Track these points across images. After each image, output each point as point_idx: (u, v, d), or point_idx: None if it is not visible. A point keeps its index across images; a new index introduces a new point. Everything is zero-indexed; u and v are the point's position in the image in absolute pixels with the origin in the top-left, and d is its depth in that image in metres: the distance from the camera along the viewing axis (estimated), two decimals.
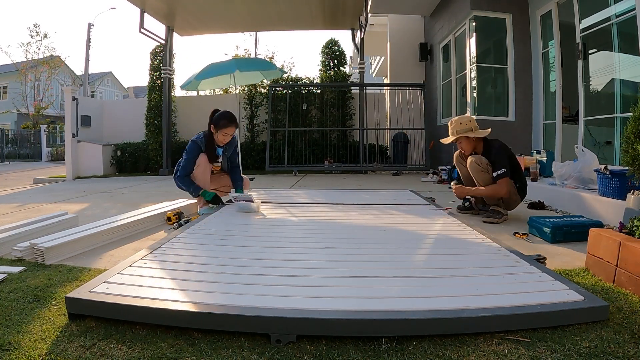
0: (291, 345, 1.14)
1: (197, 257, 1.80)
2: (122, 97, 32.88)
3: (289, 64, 20.97)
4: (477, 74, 6.19)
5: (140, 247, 2.25)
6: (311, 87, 8.61)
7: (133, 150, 8.55)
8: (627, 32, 3.92)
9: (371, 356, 1.09)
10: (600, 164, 3.11)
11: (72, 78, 26.16)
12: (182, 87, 6.24)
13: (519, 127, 5.80)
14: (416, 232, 2.30)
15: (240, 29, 9.56)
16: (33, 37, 28.28)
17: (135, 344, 1.15)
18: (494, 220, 2.86)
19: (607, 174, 2.74)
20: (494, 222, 2.84)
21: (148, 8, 7.35)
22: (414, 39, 8.88)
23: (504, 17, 5.92)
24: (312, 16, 7.94)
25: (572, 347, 1.11)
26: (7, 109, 24.45)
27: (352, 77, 10.51)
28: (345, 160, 7.95)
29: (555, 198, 3.39)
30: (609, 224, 2.56)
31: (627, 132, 1.89)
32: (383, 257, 1.80)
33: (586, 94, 4.70)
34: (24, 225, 2.49)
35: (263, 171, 7.62)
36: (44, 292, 1.56)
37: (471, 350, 1.10)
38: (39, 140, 19.29)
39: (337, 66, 8.71)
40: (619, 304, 1.39)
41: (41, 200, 4.40)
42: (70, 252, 2.10)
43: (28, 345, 1.15)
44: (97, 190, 5.28)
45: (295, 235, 2.25)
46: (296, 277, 1.53)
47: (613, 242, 1.62)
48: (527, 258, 1.70)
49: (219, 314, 1.20)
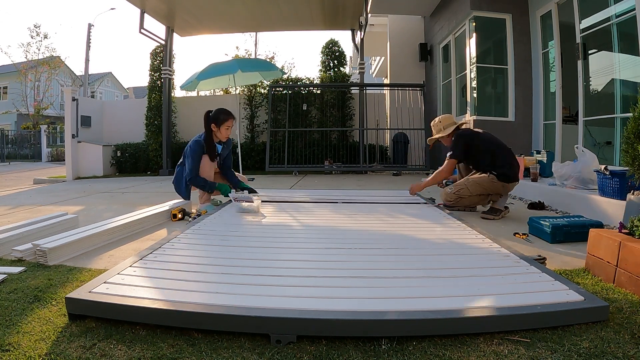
0: (291, 345, 1.14)
1: (197, 258, 1.80)
2: (122, 97, 32.89)
3: (289, 64, 20.93)
4: (477, 74, 6.18)
5: (140, 247, 2.24)
6: (311, 87, 8.61)
7: (133, 150, 8.55)
8: (627, 32, 3.93)
9: (371, 356, 1.09)
10: (600, 164, 3.11)
11: (72, 78, 26.17)
12: (182, 88, 6.24)
13: (519, 128, 5.79)
14: (416, 232, 2.30)
15: (240, 30, 9.57)
16: (33, 38, 28.43)
17: (136, 345, 1.15)
18: (491, 217, 3.00)
19: (607, 174, 2.74)
20: (491, 219, 2.97)
21: (148, 8, 7.35)
22: (414, 39, 8.89)
23: (504, 18, 5.92)
24: (312, 16, 7.95)
25: (572, 348, 1.11)
26: (7, 109, 24.44)
27: (352, 78, 10.51)
28: (345, 161, 7.95)
29: (555, 198, 3.39)
30: (609, 224, 2.56)
31: (627, 133, 1.88)
32: (383, 258, 1.80)
33: (586, 94, 4.70)
34: (24, 225, 2.49)
35: (263, 172, 7.62)
36: (44, 292, 1.56)
37: (471, 351, 1.10)
38: (39, 141, 19.27)
39: (337, 66, 8.71)
40: (619, 304, 1.39)
41: (41, 201, 4.40)
42: (72, 253, 2.10)
43: (28, 345, 1.15)
44: (97, 191, 5.28)
45: (295, 235, 2.25)
46: (296, 278, 1.53)
47: (613, 242, 1.62)
48: (527, 258, 1.70)
49: (219, 314, 1.20)
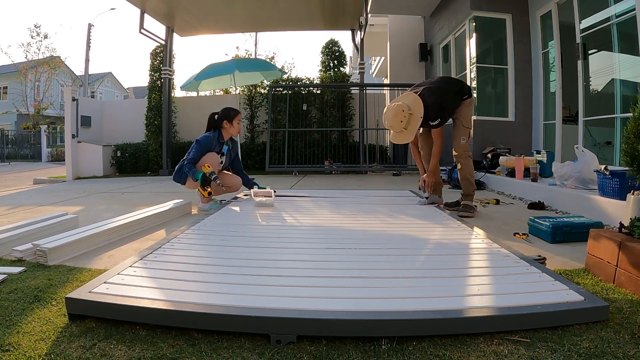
0: (291, 345, 1.14)
1: (197, 258, 1.80)
2: (122, 97, 32.90)
3: (289, 64, 20.95)
4: (477, 74, 6.19)
5: (140, 247, 2.24)
6: (311, 87, 8.60)
7: (133, 150, 8.55)
8: (627, 32, 3.93)
9: (371, 356, 1.09)
10: (600, 164, 3.11)
11: (72, 78, 26.16)
12: (182, 88, 6.25)
13: (519, 128, 5.79)
14: (416, 232, 2.30)
15: (240, 30, 9.57)
16: (33, 38, 28.48)
17: (136, 345, 1.15)
18: (468, 214, 3.01)
19: (607, 174, 2.74)
20: (469, 217, 2.98)
21: (148, 8, 7.35)
22: (414, 39, 8.88)
23: (504, 18, 5.93)
24: (312, 17, 7.95)
25: (572, 348, 1.11)
26: (7, 109, 24.43)
27: (352, 78, 10.52)
28: (345, 161, 7.95)
29: (555, 198, 3.39)
30: (609, 225, 2.56)
31: (627, 133, 1.88)
32: (383, 258, 1.80)
33: (586, 94, 4.70)
34: (24, 225, 2.49)
35: (263, 172, 7.61)
36: (44, 292, 1.56)
37: (471, 351, 1.10)
38: (39, 141, 19.27)
39: (337, 67, 8.71)
40: (619, 304, 1.39)
41: (41, 201, 4.40)
42: (72, 253, 2.10)
43: (28, 345, 1.15)
44: (97, 191, 5.28)
45: (295, 235, 2.25)
46: (296, 278, 1.53)
47: (613, 243, 1.62)
48: (527, 258, 1.70)
49: (219, 314, 1.20)
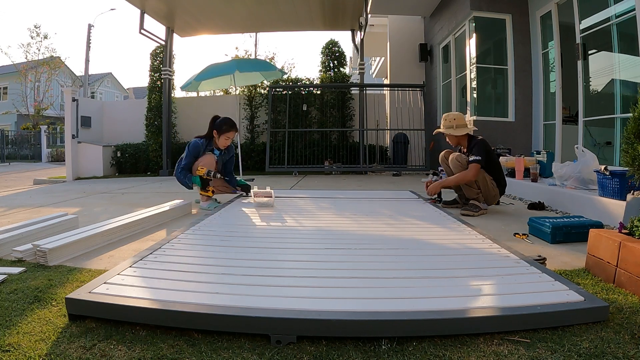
0: (291, 346, 1.14)
1: (197, 258, 1.80)
2: (122, 98, 32.91)
3: (289, 64, 20.95)
4: (477, 75, 6.19)
5: (140, 247, 2.24)
6: (311, 87, 8.61)
7: (133, 151, 8.54)
8: (627, 32, 3.93)
9: (371, 357, 1.09)
10: (600, 164, 3.11)
11: (72, 79, 26.18)
12: (182, 88, 6.24)
13: (519, 128, 5.79)
14: (417, 233, 2.30)
15: (240, 30, 9.57)
16: (33, 38, 28.38)
17: (136, 345, 1.15)
18: (471, 213, 3.00)
19: (607, 174, 2.74)
20: (471, 215, 2.97)
21: (148, 9, 7.36)
22: (413, 39, 8.89)
23: (504, 18, 5.93)
24: (312, 17, 7.95)
25: (572, 348, 1.11)
26: (7, 109, 24.44)
27: (352, 78, 10.50)
28: (345, 161, 7.95)
29: (555, 199, 3.39)
30: (609, 225, 2.56)
31: (627, 133, 1.88)
32: (383, 258, 1.80)
33: (586, 94, 4.70)
34: (24, 226, 2.48)
35: (263, 172, 7.62)
36: (44, 293, 1.55)
37: (471, 351, 1.10)
38: (39, 141, 19.26)
39: (337, 67, 8.71)
40: (619, 304, 1.39)
41: (41, 201, 4.40)
42: (72, 253, 2.10)
43: (28, 346, 1.15)
44: (97, 191, 5.28)
45: (295, 235, 2.25)
46: (296, 278, 1.53)
47: (613, 243, 1.62)
48: (527, 259, 1.70)
49: (219, 314, 1.20)
